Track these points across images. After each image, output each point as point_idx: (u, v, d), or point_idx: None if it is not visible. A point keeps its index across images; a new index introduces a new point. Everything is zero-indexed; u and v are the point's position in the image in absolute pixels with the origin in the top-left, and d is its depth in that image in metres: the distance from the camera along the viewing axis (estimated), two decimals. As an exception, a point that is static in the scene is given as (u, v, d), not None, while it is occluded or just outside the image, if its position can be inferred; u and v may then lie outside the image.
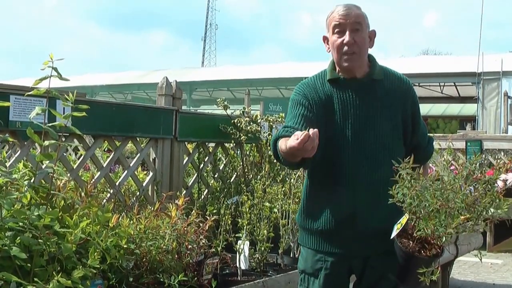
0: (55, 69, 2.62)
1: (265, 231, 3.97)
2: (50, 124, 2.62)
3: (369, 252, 2.77)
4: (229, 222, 3.97)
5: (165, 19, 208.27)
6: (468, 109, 24.03)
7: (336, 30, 2.78)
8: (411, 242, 2.46)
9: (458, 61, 21.46)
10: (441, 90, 23.80)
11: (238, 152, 5.26)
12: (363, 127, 2.78)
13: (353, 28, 2.76)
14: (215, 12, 74.48)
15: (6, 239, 2.42)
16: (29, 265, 2.45)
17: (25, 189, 2.70)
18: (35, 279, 2.36)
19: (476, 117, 19.54)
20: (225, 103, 4.99)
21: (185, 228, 3.34)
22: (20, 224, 2.50)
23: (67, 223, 2.62)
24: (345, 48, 2.76)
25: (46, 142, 2.53)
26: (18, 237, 2.46)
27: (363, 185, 2.75)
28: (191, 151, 5.00)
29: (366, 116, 2.78)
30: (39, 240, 2.48)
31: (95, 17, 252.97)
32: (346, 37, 2.75)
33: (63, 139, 2.97)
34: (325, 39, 2.87)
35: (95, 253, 2.57)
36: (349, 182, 2.76)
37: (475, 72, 19.06)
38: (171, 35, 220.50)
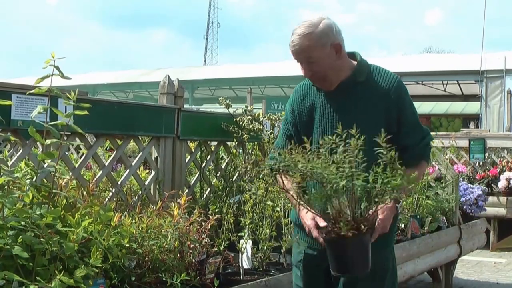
0: (57, 68, 2.61)
1: (268, 230, 3.96)
2: (52, 123, 2.61)
3: None
4: (232, 221, 3.96)
5: (167, 17, 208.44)
6: (471, 107, 23.96)
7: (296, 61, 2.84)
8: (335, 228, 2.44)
9: (461, 59, 21.38)
10: (444, 88, 23.74)
11: (240, 150, 5.25)
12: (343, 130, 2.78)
13: (307, 61, 2.79)
14: (217, 10, 74.63)
15: (8, 238, 2.41)
16: (31, 264, 2.44)
17: (27, 188, 2.69)
18: (37, 278, 2.35)
19: (480, 115, 19.48)
20: (227, 101, 4.98)
21: (187, 227, 3.33)
22: (22, 223, 2.50)
23: (69, 222, 2.61)
24: (308, 77, 2.86)
25: (48, 141, 2.52)
26: (20, 236, 2.46)
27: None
28: (193, 150, 4.99)
29: (345, 120, 2.74)
30: (41, 239, 2.47)
31: (97, 15, 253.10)
32: (303, 72, 2.82)
33: (65, 138, 2.97)
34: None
35: (97, 252, 2.56)
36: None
37: (478, 70, 19.00)
38: (173, 33, 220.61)
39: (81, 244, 2.62)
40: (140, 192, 4.35)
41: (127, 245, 2.91)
